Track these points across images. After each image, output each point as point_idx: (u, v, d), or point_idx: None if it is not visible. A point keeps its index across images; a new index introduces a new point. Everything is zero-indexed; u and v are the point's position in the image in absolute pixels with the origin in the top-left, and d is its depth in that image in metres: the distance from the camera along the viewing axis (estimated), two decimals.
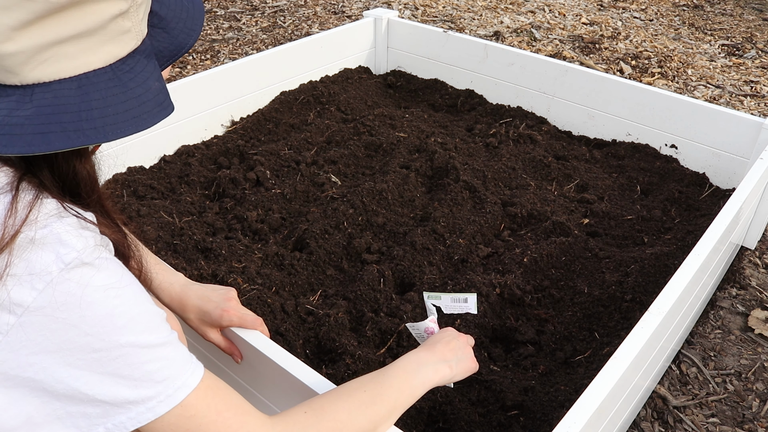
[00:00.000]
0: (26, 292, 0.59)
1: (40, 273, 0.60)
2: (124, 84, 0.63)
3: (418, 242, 1.56)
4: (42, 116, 0.59)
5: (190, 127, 2.03)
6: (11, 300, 0.59)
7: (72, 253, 0.61)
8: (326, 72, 2.44)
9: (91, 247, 0.63)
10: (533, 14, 3.75)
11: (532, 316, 1.40)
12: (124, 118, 0.62)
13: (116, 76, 0.63)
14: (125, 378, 0.64)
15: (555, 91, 2.16)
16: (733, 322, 1.61)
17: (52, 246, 0.61)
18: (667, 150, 1.98)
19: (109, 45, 0.63)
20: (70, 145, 0.60)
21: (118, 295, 0.64)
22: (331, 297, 1.45)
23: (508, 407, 1.18)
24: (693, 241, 1.36)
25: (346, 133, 2.10)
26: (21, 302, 0.59)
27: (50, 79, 0.60)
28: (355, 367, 1.25)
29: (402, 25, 2.49)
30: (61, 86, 0.60)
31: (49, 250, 0.61)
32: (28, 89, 0.60)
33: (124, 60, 0.65)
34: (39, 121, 0.59)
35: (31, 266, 0.59)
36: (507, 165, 1.92)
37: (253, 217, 1.68)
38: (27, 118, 0.59)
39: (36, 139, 0.59)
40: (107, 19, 0.61)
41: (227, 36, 3.39)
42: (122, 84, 0.63)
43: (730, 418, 1.37)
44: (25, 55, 0.58)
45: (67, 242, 0.62)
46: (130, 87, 0.64)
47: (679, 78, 2.95)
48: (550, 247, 1.55)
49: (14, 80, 0.59)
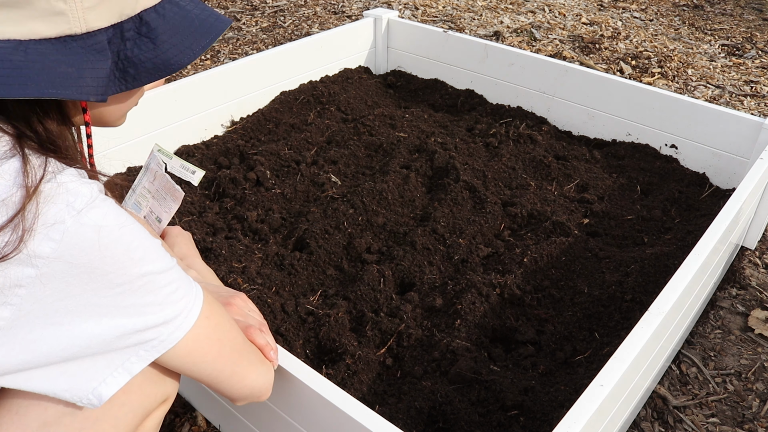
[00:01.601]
0: (44, 243, 0.62)
1: (54, 224, 0.63)
2: (28, 54, 0.63)
3: (418, 242, 1.56)
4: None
5: (190, 127, 2.03)
6: (30, 253, 0.62)
7: (81, 199, 0.65)
8: (326, 72, 2.44)
9: (96, 192, 0.67)
10: (533, 14, 3.75)
11: (532, 316, 1.40)
12: (9, 81, 0.62)
13: (24, 49, 0.63)
14: (150, 305, 0.70)
15: (555, 91, 2.16)
16: (733, 322, 1.61)
17: (62, 196, 0.64)
18: (667, 150, 1.98)
19: (35, 21, 0.63)
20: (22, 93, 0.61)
21: (130, 231, 0.68)
22: (331, 297, 1.46)
23: (508, 407, 1.18)
24: (693, 241, 1.36)
25: (346, 133, 2.10)
26: (40, 254, 0.62)
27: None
28: (356, 367, 1.25)
29: (402, 25, 2.49)
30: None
31: (59, 201, 0.64)
32: None
33: (51, 41, 0.65)
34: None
35: (44, 218, 0.62)
36: (507, 165, 1.92)
37: (253, 217, 1.68)
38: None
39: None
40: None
41: (227, 36, 3.39)
42: (27, 55, 0.63)
43: (730, 418, 1.37)
44: None
45: (74, 190, 0.65)
46: (31, 59, 0.63)
47: (679, 78, 2.95)
48: (550, 247, 1.55)
49: None
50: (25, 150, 0.65)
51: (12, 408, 0.73)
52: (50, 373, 0.67)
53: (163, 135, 1.94)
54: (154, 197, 1.16)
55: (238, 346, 0.85)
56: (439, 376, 1.24)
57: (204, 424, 1.31)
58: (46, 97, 0.63)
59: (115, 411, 0.76)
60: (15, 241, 0.61)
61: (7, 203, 0.62)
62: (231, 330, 0.84)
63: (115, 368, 0.70)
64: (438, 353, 1.27)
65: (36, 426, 0.72)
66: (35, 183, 0.63)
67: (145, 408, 0.81)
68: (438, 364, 1.26)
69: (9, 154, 0.64)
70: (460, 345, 1.28)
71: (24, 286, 0.62)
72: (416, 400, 1.17)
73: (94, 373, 0.69)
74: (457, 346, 1.28)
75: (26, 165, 0.64)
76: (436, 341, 1.31)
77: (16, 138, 0.66)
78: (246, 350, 0.87)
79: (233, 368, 0.84)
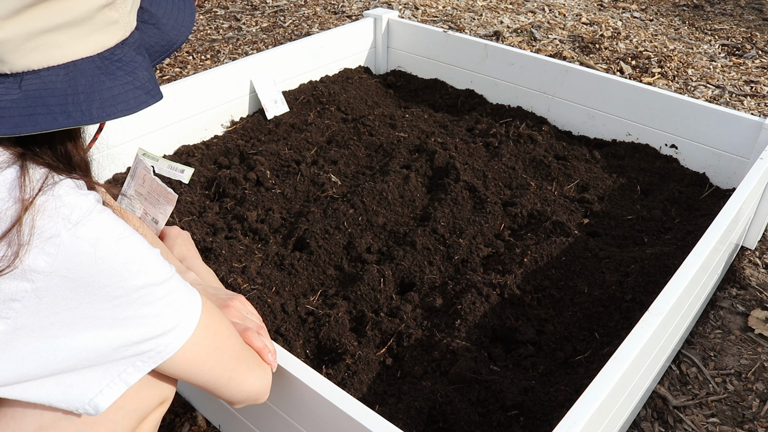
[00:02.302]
0: (40, 258, 0.61)
1: (50, 237, 0.62)
2: (111, 72, 0.65)
3: (418, 242, 1.56)
4: (29, 99, 0.61)
5: (190, 127, 2.03)
6: (25, 267, 0.61)
7: (77, 212, 0.64)
8: (326, 72, 2.44)
9: (93, 204, 0.66)
10: (533, 14, 3.75)
11: (532, 316, 1.40)
12: (111, 102, 0.64)
13: (104, 64, 0.65)
14: (147, 316, 0.68)
15: (555, 91, 2.16)
16: (733, 322, 1.61)
17: (58, 209, 0.63)
18: (667, 150, 1.98)
19: (97, 35, 0.64)
20: (56, 125, 0.61)
21: (127, 243, 0.67)
22: (332, 297, 1.46)
23: (508, 407, 1.18)
24: (693, 241, 1.36)
25: (346, 133, 2.10)
26: (36, 268, 0.61)
27: (39, 67, 0.61)
28: (356, 367, 1.25)
29: (402, 25, 2.49)
30: (49, 73, 0.62)
31: (55, 214, 0.63)
32: (18, 76, 0.61)
33: (112, 50, 0.66)
34: (26, 104, 0.60)
35: (40, 232, 0.62)
36: (507, 165, 1.92)
37: (253, 217, 1.68)
38: (14, 102, 0.60)
39: (23, 120, 0.60)
40: (94, 9, 0.63)
41: (227, 36, 3.39)
42: (110, 72, 0.65)
43: (730, 418, 1.37)
44: (14, 43, 0.59)
45: (70, 203, 0.64)
46: (118, 75, 0.65)
47: (679, 78, 2.95)
48: (550, 247, 1.55)
49: (4, 68, 0.61)
50: (26, 162, 0.64)
51: (8, 412, 0.73)
52: (47, 384, 0.67)
53: (163, 135, 1.94)
54: (147, 200, 1.16)
55: (236, 352, 0.85)
56: (439, 376, 1.24)
57: (204, 424, 1.31)
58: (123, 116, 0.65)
59: (112, 414, 0.76)
60: (11, 256, 0.60)
61: (1, 217, 0.61)
62: (230, 337, 0.84)
63: (112, 379, 0.70)
64: (438, 353, 1.27)
65: (32, 429, 0.72)
66: (32, 196, 0.62)
67: (142, 410, 0.81)
68: (438, 364, 1.26)
69: (4, 165, 0.63)
70: (460, 345, 1.28)
71: (19, 300, 0.62)
72: (416, 400, 1.17)
73: (91, 384, 0.69)
74: (457, 346, 1.28)
75: (24, 177, 0.63)
76: (436, 341, 1.31)
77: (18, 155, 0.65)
78: (244, 355, 0.87)
79: (231, 374, 0.84)
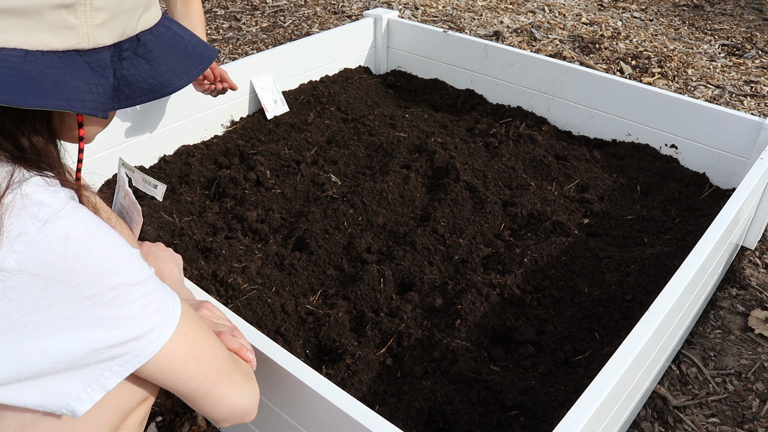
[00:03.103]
0: (8, 256, 0.60)
1: (18, 236, 0.61)
2: (38, 64, 0.63)
3: (418, 242, 1.56)
4: None
5: (190, 127, 2.03)
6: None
7: (45, 209, 0.63)
8: (326, 72, 2.44)
9: (63, 201, 0.65)
10: (533, 14, 3.75)
11: (532, 316, 1.40)
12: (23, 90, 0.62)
13: (33, 59, 0.63)
14: (122, 318, 0.67)
15: (555, 91, 2.16)
16: (733, 322, 1.61)
17: (26, 208, 0.62)
18: (667, 150, 1.98)
19: (44, 33, 0.63)
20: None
21: (100, 241, 0.66)
22: (332, 297, 1.46)
23: (508, 407, 1.18)
24: (693, 241, 1.36)
25: (346, 133, 2.10)
26: (4, 267, 0.60)
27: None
28: (356, 367, 1.25)
29: (402, 25, 2.49)
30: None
31: (23, 212, 0.62)
32: None
33: (58, 53, 0.64)
34: None
35: (8, 231, 0.61)
36: (507, 165, 1.92)
37: (253, 217, 1.68)
38: None
39: None
40: (45, 6, 0.62)
41: (227, 36, 3.39)
42: (37, 65, 0.63)
43: (730, 418, 1.37)
44: None
45: (39, 201, 0.63)
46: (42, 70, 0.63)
47: (679, 78, 2.95)
48: (550, 247, 1.55)
49: None
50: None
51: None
52: (23, 388, 0.66)
53: (163, 135, 1.94)
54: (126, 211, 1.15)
55: (219, 365, 0.81)
56: (439, 376, 1.24)
57: (204, 424, 1.31)
58: (59, 109, 0.62)
59: (93, 411, 0.74)
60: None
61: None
62: (211, 348, 0.80)
63: (89, 384, 0.68)
64: (438, 353, 1.27)
65: (13, 429, 0.71)
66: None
67: (124, 408, 0.79)
68: (438, 364, 1.26)
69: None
70: (460, 345, 1.28)
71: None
72: (416, 400, 1.17)
73: (68, 389, 0.68)
74: (457, 346, 1.28)
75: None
76: (436, 341, 1.31)
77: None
78: (228, 369, 0.83)
79: (210, 387, 0.80)
